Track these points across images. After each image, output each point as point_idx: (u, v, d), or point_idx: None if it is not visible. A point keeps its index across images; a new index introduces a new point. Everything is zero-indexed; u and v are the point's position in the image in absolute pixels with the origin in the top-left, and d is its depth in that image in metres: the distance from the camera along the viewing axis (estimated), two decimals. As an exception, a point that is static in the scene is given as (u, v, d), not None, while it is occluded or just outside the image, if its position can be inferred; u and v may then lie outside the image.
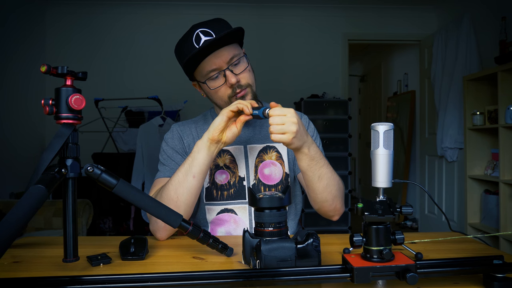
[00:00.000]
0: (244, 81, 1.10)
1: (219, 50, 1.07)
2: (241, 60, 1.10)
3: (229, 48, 1.09)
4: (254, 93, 1.13)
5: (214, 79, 1.09)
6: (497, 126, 2.79)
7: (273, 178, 1.17)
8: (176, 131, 1.22)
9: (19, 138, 3.59)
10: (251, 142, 1.19)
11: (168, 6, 4.16)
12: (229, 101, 1.10)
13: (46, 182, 0.68)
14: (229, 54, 1.08)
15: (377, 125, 0.71)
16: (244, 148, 1.18)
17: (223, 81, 1.09)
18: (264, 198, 0.75)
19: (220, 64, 1.07)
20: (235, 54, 1.09)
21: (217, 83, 1.10)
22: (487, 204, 3.04)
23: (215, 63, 1.07)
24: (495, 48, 3.13)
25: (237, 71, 1.09)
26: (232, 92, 1.09)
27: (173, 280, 0.64)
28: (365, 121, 6.21)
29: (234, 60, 1.08)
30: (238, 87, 1.09)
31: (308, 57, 4.30)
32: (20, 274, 0.78)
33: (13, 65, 3.52)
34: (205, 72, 1.09)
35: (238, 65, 1.10)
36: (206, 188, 1.17)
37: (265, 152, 1.19)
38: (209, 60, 1.07)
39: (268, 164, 1.18)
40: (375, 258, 0.67)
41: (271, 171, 1.17)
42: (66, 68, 0.75)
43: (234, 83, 1.07)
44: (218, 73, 1.08)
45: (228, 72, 1.07)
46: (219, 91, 1.10)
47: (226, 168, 1.17)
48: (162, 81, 4.08)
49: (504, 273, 0.68)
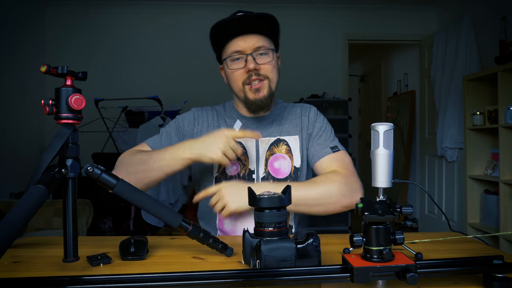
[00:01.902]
0: (263, 71, 1.11)
1: (249, 35, 1.10)
2: (268, 53, 1.12)
3: (260, 37, 1.11)
4: (271, 90, 1.15)
5: (235, 61, 1.12)
6: (497, 126, 2.79)
7: (282, 172, 1.18)
8: (193, 114, 1.24)
9: (19, 138, 3.59)
10: (262, 136, 1.20)
11: (168, 6, 4.16)
12: (243, 88, 1.12)
13: (46, 182, 0.68)
14: (257, 42, 1.10)
15: (377, 125, 0.71)
16: (256, 141, 1.19)
17: (242, 65, 1.11)
18: (264, 198, 0.75)
19: (245, 48, 1.10)
20: (264, 45, 1.11)
21: (237, 65, 1.11)
22: (487, 204, 3.04)
23: (240, 46, 1.10)
24: (495, 48, 3.13)
25: (260, 60, 1.11)
26: (247, 78, 1.11)
27: (173, 280, 0.64)
28: (365, 121, 6.21)
29: (260, 50, 1.10)
30: (256, 75, 1.10)
31: (308, 57, 4.30)
32: (20, 274, 0.78)
33: (13, 65, 3.52)
34: (229, 52, 1.12)
35: (263, 55, 1.11)
36: (216, 177, 1.17)
37: (276, 145, 1.20)
38: (236, 41, 1.10)
39: (278, 158, 1.19)
40: (375, 258, 0.67)
41: (280, 165, 1.18)
42: (66, 68, 0.75)
43: (251, 68, 1.09)
44: (241, 56, 1.10)
45: (250, 57, 1.09)
46: (236, 74, 1.12)
47: (237, 160, 1.17)
48: (162, 81, 4.09)
49: (504, 273, 0.68)
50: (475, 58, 3.39)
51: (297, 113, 1.24)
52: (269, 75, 1.12)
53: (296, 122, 1.23)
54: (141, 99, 3.59)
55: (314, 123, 1.23)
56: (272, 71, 1.13)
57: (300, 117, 1.23)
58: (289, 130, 1.22)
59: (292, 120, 1.24)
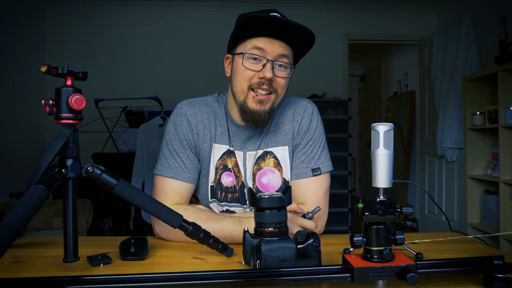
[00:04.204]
0: (276, 85, 1.04)
1: (277, 41, 1.02)
2: (287, 67, 1.05)
3: (286, 47, 1.03)
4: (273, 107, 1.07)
5: (252, 60, 1.02)
6: (497, 126, 2.79)
7: (271, 186, 1.13)
8: (185, 115, 1.11)
9: (19, 138, 3.59)
10: (250, 149, 1.14)
11: (168, 6, 4.16)
12: (247, 91, 1.04)
13: (46, 182, 0.68)
14: (283, 51, 1.02)
15: (377, 125, 0.71)
16: (244, 155, 1.13)
17: (259, 68, 1.01)
18: (264, 198, 0.75)
19: (269, 52, 1.01)
20: (287, 57, 1.03)
21: (253, 66, 1.02)
22: (487, 204, 3.04)
23: (267, 46, 1.01)
24: (495, 48, 3.13)
25: (277, 73, 1.03)
26: (256, 83, 1.02)
27: (173, 280, 0.64)
28: (365, 121, 6.21)
29: (282, 60, 1.03)
30: (267, 85, 1.02)
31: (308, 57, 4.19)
32: (20, 274, 0.78)
33: (13, 65, 3.52)
34: (250, 46, 1.02)
35: (282, 68, 1.04)
36: (211, 187, 1.14)
37: (263, 159, 1.13)
38: (263, 40, 1.01)
39: (266, 172, 1.13)
40: (375, 258, 0.67)
41: (269, 180, 1.13)
42: (66, 68, 0.75)
43: (267, 77, 1.00)
44: (260, 58, 1.01)
45: (270, 64, 1.01)
46: (247, 73, 1.02)
47: (233, 171, 1.13)
48: (162, 81, 4.08)
49: (505, 273, 0.68)
50: (475, 58, 3.39)
51: (288, 117, 1.15)
52: (279, 90, 1.05)
53: (285, 129, 1.14)
54: (141, 99, 3.58)
55: (303, 135, 1.14)
56: (284, 87, 1.06)
57: (291, 123, 1.14)
58: (277, 140, 1.14)
59: (281, 127, 1.14)
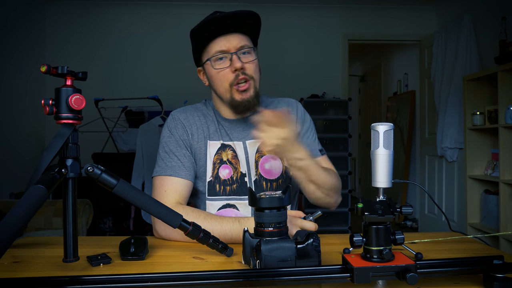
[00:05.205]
0: (249, 71, 1.11)
1: (231, 35, 1.09)
2: (251, 51, 1.12)
3: (241, 36, 1.11)
4: (256, 90, 1.14)
5: (219, 61, 1.11)
6: (497, 126, 2.79)
7: (273, 173, 1.18)
8: (179, 119, 1.18)
9: (19, 138, 3.59)
10: (249, 138, 1.19)
11: (168, 6, 4.16)
12: (230, 89, 1.11)
13: (46, 182, 0.68)
14: (240, 42, 1.10)
15: (377, 125, 0.71)
16: (244, 144, 1.18)
17: (228, 64, 1.10)
18: (264, 198, 0.75)
19: (229, 47, 1.09)
20: (246, 44, 1.11)
21: (222, 65, 1.10)
22: (487, 204, 3.04)
23: (225, 45, 1.09)
24: (495, 48, 3.13)
25: (244, 59, 1.10)
26: (234, 79, 1.10)
27: (173, 280, 0.64)
28: (365, 121, 6.21)
29: (244, 49, 1.10)
30: (242, 74, 1.09)
31: (308, 57, 4.30)
32: (20, 274, 0.78)
33: (13, 65, 3.52)
34: (212, 52, 1.10)
35: (246, 54, 1.11)
36: (209, 182, 1.15)
37: None
38: (219, 41, 1.09)
39: (268, 159, 1.18)
40: (375, 258, 0.67)
41: (271, 166, 1.18)
42: (66, 68, 0.75)
43: (238, 67, 1.08)
44: (225, 56, 1.10)
45: (235, 56, 1.09)
46: (222, 74, 1.11)
47: (229, 163, 1.16)
48: (162, 81, 4.08)
49: (504, 273, 0.68)
50: (475, 58, 3.39)
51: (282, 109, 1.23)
52: (253, 75, 1.12)
53: None
54: (141, 99, 3.58)
55: (302, 122, 1.23)
56: (256, 70, 1.13)
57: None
58: None
59: None
